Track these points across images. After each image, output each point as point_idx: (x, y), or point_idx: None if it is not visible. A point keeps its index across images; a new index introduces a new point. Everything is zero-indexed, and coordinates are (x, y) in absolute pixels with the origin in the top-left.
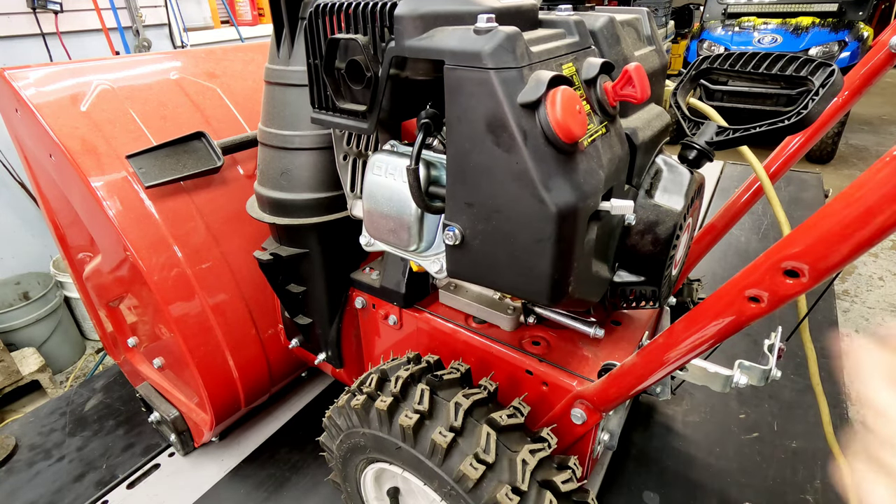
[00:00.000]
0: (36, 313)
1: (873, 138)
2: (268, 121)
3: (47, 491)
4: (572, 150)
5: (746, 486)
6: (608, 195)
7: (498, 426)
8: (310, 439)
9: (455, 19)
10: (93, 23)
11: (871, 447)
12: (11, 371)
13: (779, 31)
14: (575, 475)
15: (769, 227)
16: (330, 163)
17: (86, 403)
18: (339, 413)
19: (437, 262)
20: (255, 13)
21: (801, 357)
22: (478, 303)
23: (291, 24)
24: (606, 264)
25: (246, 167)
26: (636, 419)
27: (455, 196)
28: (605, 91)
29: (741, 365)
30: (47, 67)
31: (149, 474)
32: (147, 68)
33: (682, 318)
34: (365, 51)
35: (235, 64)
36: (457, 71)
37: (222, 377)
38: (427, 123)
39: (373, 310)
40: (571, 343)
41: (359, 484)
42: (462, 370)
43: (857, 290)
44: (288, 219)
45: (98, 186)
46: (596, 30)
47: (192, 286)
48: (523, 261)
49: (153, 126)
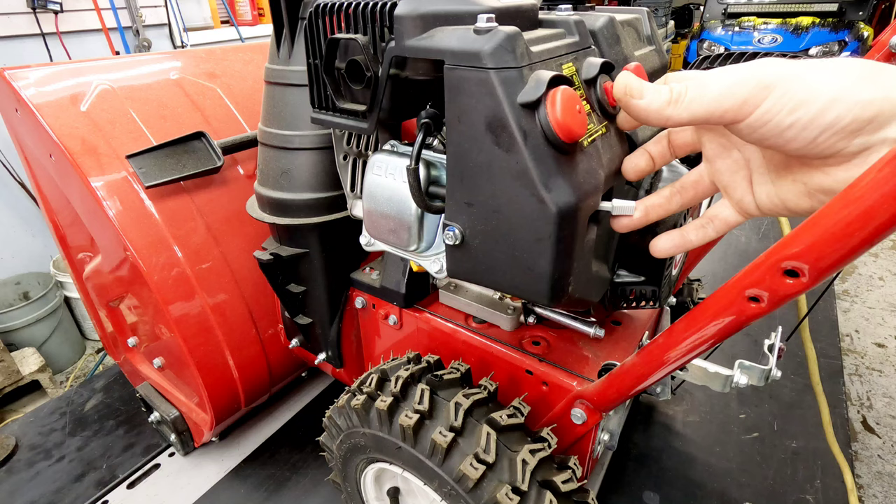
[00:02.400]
0: (36, 313)
1: None
2: (268, 121)
3: (47, 491)
4: (572, 150)
5: (746, 486)
6: (608, 195)
7: (498, 426)
8: (310, 439)
9: (455, 19)
10: (93, 23)
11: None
12: (11, 371)
13: (779, 31)
14: (575, 475)
15: (769, 227)
16: (330, 163)
17: (86, 403)
18: (339, 413)
19: (437, 262)
20: (255, 13)
21: (801, 357)
22: (478, 303)
23: (291, 24)
24: (606, 264)
25: (246, 167)
26: (636, 419)
27: (455, 196)
28: (605, 91)
29: (741, 365)
30: (47, 67)
31: (149, 474)
32: (147, 68)
33: (682, 318)
34: (365, 51)
35: (235, 64)
36: (457, 71)
37: (222, 377)
38: (427, 123)
39: (373, 310)
40: (571, 343)
41: (359, 484)
42: (462, 370)
43: (857, 290)
44: (288, 219)
45: (98, 186)
46: (596, 30)
47: (192, 286)
48: (523, 261)
49: (153, 126)
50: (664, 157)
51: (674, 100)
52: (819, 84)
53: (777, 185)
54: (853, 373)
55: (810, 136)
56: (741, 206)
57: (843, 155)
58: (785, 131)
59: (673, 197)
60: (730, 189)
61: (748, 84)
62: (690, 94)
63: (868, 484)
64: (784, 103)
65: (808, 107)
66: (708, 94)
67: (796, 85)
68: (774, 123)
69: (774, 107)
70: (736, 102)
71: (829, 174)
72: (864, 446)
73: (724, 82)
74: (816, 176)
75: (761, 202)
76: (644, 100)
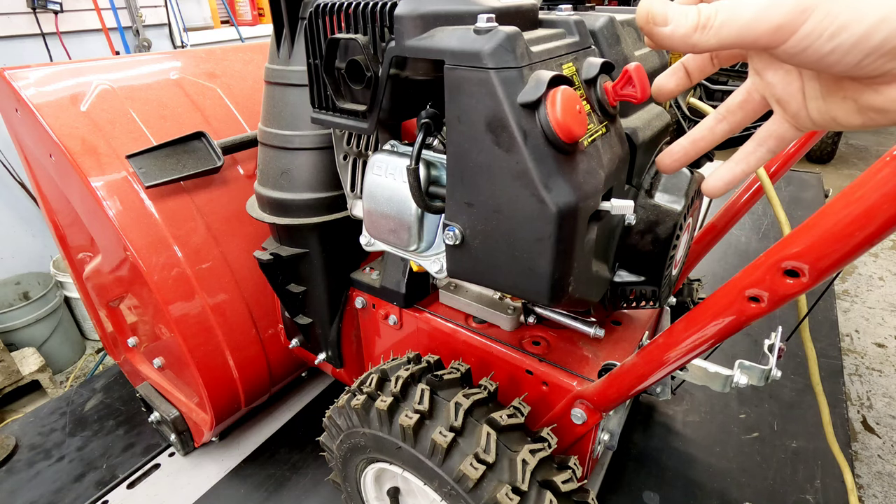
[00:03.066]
0: (36, 313)
1: (873, 138)
2: (268, 121)
3: (47, 491)
4: (572, 150)
5: (746, 486)
6: (608, 195)
7: (498, 426)
8: (310, 439)
9: (455, 19)
10: (93, 23)
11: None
12: (11, 371)
13: None
14: (575, 475)
15: (769, 227)
16: (330, 163)
17: (86, 403)
18: (339, 413)
19: (438, 262)
20: (255, 13)
21: (801, 357)
22: (478, 303)
23: (291, 24)
24: (606, 264)
25: (246, 167)
26: (636, 419)
27: (455, 196)
28: (605, 91)
29: (741, 365)
30: (47, 67)
31: (149, 474)
32: (147, 68)
33: (682, 318)
34: (365, 51)
35: (235, 64)
36: (457, 71)
37: (222, 377)
38: (427, 123)
39: (373, 310)
40: (571, 343)
41: (359, 484)
42: (462, 370)
43: (857, 290)
44: (288, 219)
45: (98, 186)
46: (596, 30)
47: (192, 286)
48: (523, 261)
49: (153, 126)
50: (703, 71)
51: (702, 25)
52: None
53: (827, 101)
54: (853, 373)
55: (854, 59)
56: (797, 120)
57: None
58: (825, 57)
59: (718, 124)
60: (783, 102)
61: (785, 6)
62: (721, 18)
63: (868, 484)
64: (825, 27)
65: (852, 29)
66: (740, 18)
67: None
68: (814, 49)
69: (814, 32)
70: (770, 27)
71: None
72: (864, 446)
73: (759, 4)
74: (867, 94)
75: (814, 116)
76: (669, 26)
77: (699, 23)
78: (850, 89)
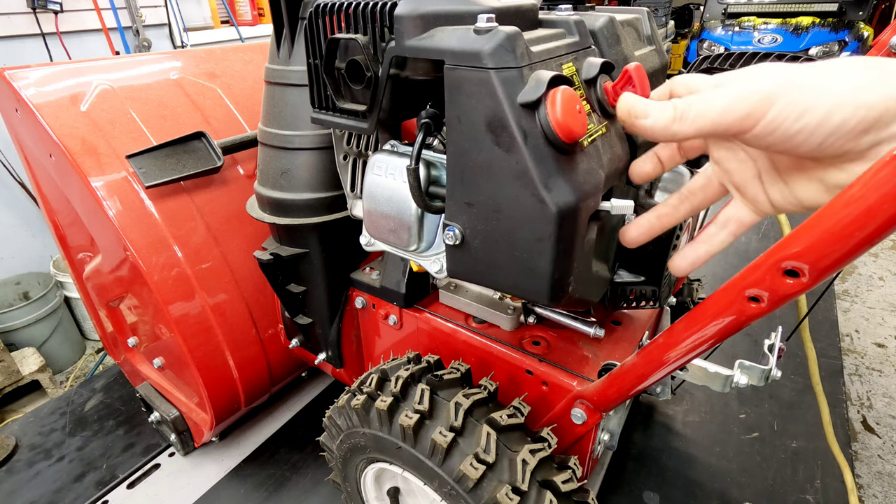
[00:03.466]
0: (36, 313)
1: None
2: (268, 121)
3: (47, 491)
4: (572, 150)
5: (746, 486)
6: (608, 195)
7: (498, 426)
8: (310, 439)
9: (455, 19)
10: (93, 23)
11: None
12: (11, 371)
13: (779, 31)
14: (575, 475)
15: (769, 227)
16: (330, 163)
17: (86, 403)
18: (339, 413)
19: (438, 262)
20: (255, 13)
21: (801, 357)
22: (478, 303)
23: (291, 24)
24: (606, 264)
25: (246, 167)
26: (636, 419)
27: (455, 196)
28: (605, 91)
29: (741, 365)
30: (47, 67)
31: (149, 474)
32: (147, 68)
33: (682, 318)
34: (365, 51)
35: (235, 64)
36: (457, 71)
37: (222, 377)
38: (427, 123)
39: (373, 310)
40: (571, 343)
41: (359, 484)
42: (462, 370)
43: (857, 290)
44: (288, 219)
45: (98, 186)
46: (596, 30)
47: (192, 286)
48: (523, 261)
49: (153, 126)
50: (673, 160)
51: (678, 117)
52: (821, 89)
53: (791, 185)
54: (853, 373)
55: (818, 140)
56: (756, 205)
57: (854, 153)
58: (792, 138)
59: (681, 204)
60: (742, 189)
61: (751, 97)
62: (695, 110)
63: (868, 484)
64: (788, 112)
65: (813, 113)
66: (712, 109)
67: (799, 93)
68: (781, 132)
69: (779, 116)
70: (740, 115)
71: (845, 170)
72: (864, 446)
73: (727, 97)
74: (832, 172)
75: (776, 200)
76: (649, 119)
77: (675, 115)
78: (814, 170)
